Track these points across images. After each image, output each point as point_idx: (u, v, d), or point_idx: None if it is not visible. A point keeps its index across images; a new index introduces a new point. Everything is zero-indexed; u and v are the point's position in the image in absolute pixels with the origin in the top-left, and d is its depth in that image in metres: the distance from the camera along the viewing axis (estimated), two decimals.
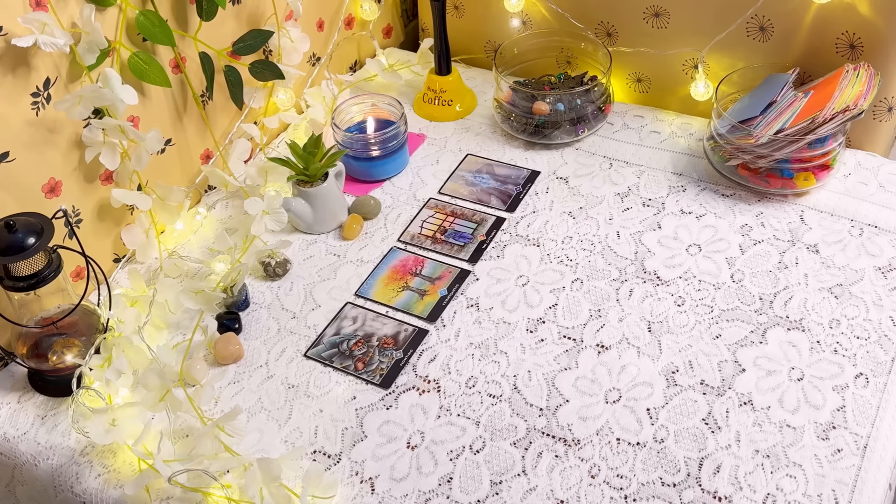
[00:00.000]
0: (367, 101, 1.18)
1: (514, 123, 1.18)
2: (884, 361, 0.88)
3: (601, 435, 0.84)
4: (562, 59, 1.26)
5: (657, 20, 1.18)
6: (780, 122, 1.02)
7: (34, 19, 0.84)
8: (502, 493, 0.80)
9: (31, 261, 0.82)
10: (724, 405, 0.85)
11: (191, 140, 1.10)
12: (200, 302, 0.98)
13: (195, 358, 0.91)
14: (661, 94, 1.24)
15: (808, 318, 0.92)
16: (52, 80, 0.89)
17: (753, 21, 1.11)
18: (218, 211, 1.13)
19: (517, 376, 0.90)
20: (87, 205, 0.99)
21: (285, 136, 1.23)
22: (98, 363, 0.89)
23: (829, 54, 1.10)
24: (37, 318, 0.90)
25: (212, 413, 0.89)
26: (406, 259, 1.04)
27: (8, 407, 0.91)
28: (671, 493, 0.79)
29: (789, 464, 0.80)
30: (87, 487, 0.84)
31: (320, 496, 0.79)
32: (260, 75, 1.10)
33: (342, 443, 0.85)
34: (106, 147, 0.95)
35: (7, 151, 0.87)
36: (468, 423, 0.86)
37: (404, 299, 0.99)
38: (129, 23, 0.95)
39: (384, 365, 0.92)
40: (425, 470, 0.82)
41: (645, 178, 1.11)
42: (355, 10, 1.31)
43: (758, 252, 1.00)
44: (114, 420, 0.85)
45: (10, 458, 0.88)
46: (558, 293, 0.98)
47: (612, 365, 0.90)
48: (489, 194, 1.12)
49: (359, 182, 1.16)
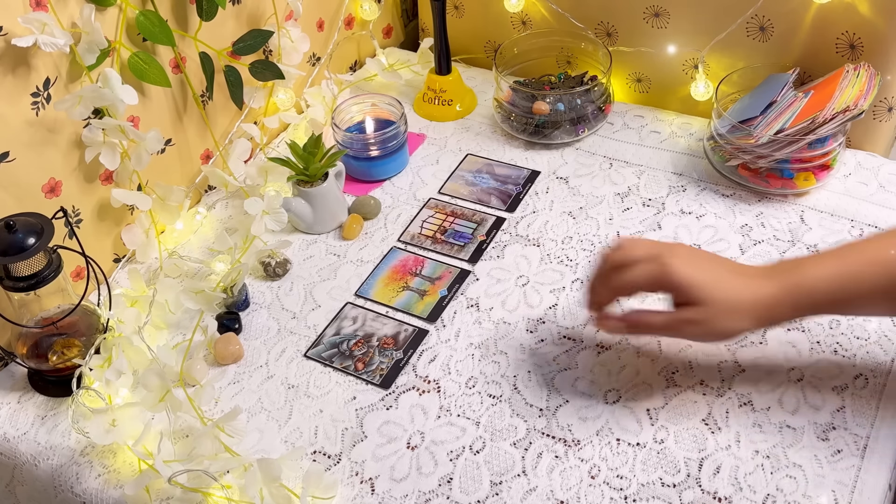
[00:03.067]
0: (367, 101, 1.18)
1: (514, 123, 1.18)
2: (884, 362, 0.88)
3: (601, 435, 0.84)
4: (562, 59, 1.26)
5: (657, 20, 1.18)
6: (780, 123, 1.02)
7: (34, 19, 0.83)
8: (502, 493, 0.80)
9: (31, 261, 0.82)
10: (723, 406, 0.85)
11: (191, 140, 1.10)
12: (200, 302, 0.98)
13: (195, 358, 0.91)
14: (661, 94, 1.24)
15: (807, 318, 0.92)
16: (52, 80, 0.89)
17: (753, 21, 1.11)
18: (218, 211, 1.13)
19: (517, 376, 0.90)
20: (87, 205, 0.99)
21: (285, 136, 1.23)
22: (98, 363, 0.89)
23: (829, 54, 1.10)
24: (37, 318, 0.90)
25: (212, 413, 0.89)
26: (406, 259, 1.04)
27: (8, 407, 0.91)
28: (671, 493, 0.79)
29: (789, 464, 0.80)
30: (87, 488, 0.84)
31: (320, 496, 0.79)
32: (260, 75, 1.10)
33: (342, 443, 0.85)
34: (106, 147, 0.95)
35: (7, 151, 0.87)
36: (468, 423, 0.86)
37: (404, 299, 0.99)
38: (129, 23, 0.95)
39: (384, 365, 0.92)
40: (425, 470, 0.82)
41: (645, 178, 1.11)
42: (355, 10, 1.31)
43: (758, 252, 1.00)
44: (114, 420, 0.85)
45: (10, 459, 0.88)
46: (558, 293, 0.98)
47: (612, 365, 0.90)
48: (489, 194, 1.12)
49: (359, 182, 1.16)
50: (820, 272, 0.77)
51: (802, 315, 0.79)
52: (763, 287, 0.77)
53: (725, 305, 0.76)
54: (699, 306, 0.76)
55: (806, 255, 0.81)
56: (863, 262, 0.76)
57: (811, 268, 0.77)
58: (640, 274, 0.78)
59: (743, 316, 0.77)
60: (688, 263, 0.77)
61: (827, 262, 0.77)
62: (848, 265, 0.76)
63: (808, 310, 0.78)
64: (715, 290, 0.76)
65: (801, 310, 0.78)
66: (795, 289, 0.77)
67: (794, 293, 0.77)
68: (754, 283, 0.77)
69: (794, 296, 0.77)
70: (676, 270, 0.76)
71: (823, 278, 0.76)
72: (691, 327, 0.78)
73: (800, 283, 0.77)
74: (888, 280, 0.75)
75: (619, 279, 0.80)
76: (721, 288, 0.76)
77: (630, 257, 0.79)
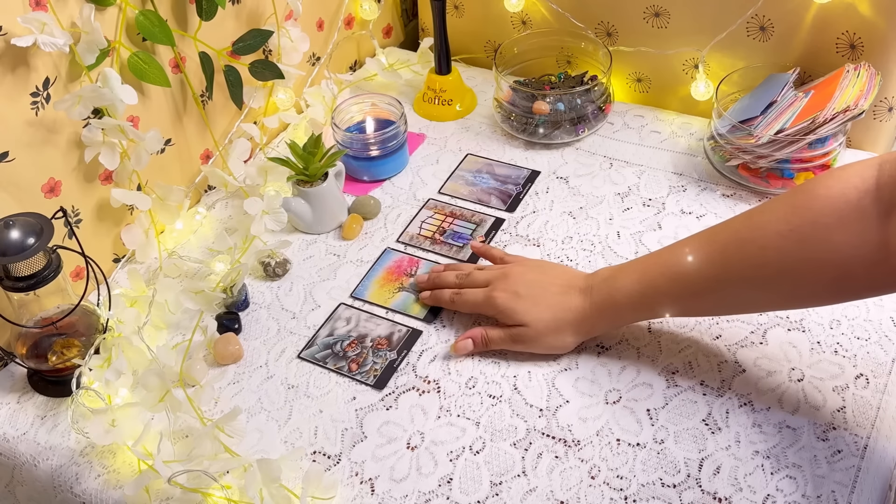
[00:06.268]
0: (367, 101, 1.18)
1: (514, 123, 1.18)
2: (884, 362, 0.88)
3: (601, 436, 0.84)
4: (562, 59, 1.26)
5: (657, 20, 1.18)
6: (780, 122, 1.02)
7: (34, 19, 0.83)
8: (502, 493, 0.80)
9: (30, 261, 0.82)
10: (723, 406, 0.85)
11: (190, 140, 1.10)
12: (200, 302, 0.98)
13: (195, 358, 0.91)
14: (661, 94, 1.24)
15: (808, 318, 0.92)
16: (51, 80, 0.89)
17: (753, 21, 1.11)
18: (218, 211, 1.13)
19: (517, 377, 0.89)
20: (87, 205, 0.99)
21: (285, 136, 1.23)
22: (98, 363, 0.89)
23: (830, 54, 1.10)
24: (36, 318, 0.90)
25: (211, 413, 0.89)
26: (400, 260, 1.04)
27: (8, 407, 0.91)
28: (671, 493, 0.79)
29: (789, 465, 0.80)
30: (87, 488, 0.84)
31: (320, 497, 0.79)
32: (260, 75, 1.10)
33: (342, 443, 0.85)
34: (105, 147, 0.95)
35: (6, 151, 0.87)
36: (468, 423, 0.86)
37: (401, 300, 0.99)
38: (129, 22, 0.95)
39: (378, 366, 0.91)
40: (425, 471, 0.82)
41: (645, 178, 1.11)
42: (355, 10, 1.31)
43: None
44: (113, 420, 0.85)
45: (10, 459, 0.88)
46: None
47: (612, 365, 0.90)
48: (489, 194, 1.12)
49: (359, 182, 1.15)
50: (624, 284, 0.85)
51: (615, 325, 0.90)
52: (578, 305, 0.87)
53: (543, 325, 0.87)
54: (523, 326, 0.88)
55: (623, 264, 0.88)
56: (657, 272, 0.83)
57: (619, 280, 0.85)
58: (472, 295, 0.92)
59: (564, 332, 0.88)
60: (508, 291, 0.89)
61: (631, 274, 0.85)
62: (646, 276, 0.84)
63: (618, 320, 0.88)
64: (531, 313, 0.88)
65: (613, 321, 0.88)
66: (604, 304, 0.86)
67: (603, 308, 0.86)
68: (573, 302, 0.87)
69: (604, 310, 0.86)
70: (498, 299, 0.89)
71: (627, 292, 0.84)
72: (521, 344, 0.89)
73: (607, 298, 0.86)
74: (677, 286, 0.81)
75: (461, 292, 0.93)
76: (538, 310, 0.88)
77: (471, 280, 0.94)
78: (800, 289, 0.75)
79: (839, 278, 0.73)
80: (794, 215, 0.74)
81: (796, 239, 0.73)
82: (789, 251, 0.73)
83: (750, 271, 0.77)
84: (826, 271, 0.73)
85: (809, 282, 0.74)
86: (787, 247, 0.73)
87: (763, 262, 0.75)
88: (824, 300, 0.80)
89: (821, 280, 0.74)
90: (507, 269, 0.93)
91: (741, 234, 0.78)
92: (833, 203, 0.71)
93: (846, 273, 0.72)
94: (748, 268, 0.77)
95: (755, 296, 0.79)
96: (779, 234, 0.74)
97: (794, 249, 0.73)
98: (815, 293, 0.76)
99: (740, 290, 0.79)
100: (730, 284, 0.79)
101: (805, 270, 0.73)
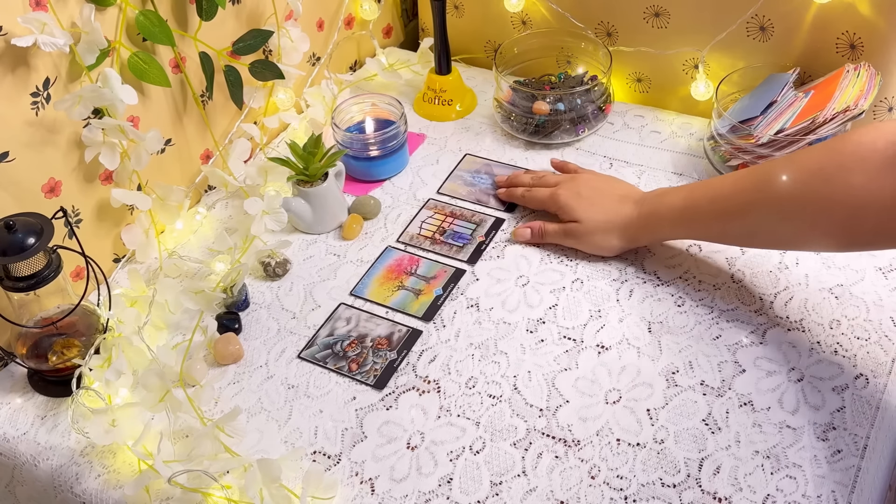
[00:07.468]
0: (367, 101, 1.18)
1: (514, 123, 1.18)
2: (884, 362, 0.88)
3: (601, 435, 0.84)
4: (562, 59, 1.26)
5: (657, 20, 1.18)
6: (780, 122, 1.02)
7: (34, 19, 0.83)
8: (502, 493, 0.80)
9: (30, 261, 0.82)
10: (723, 406, 0.85)
11: (191, 140, 1.10)
12: (200, 302, 0.98)
13: (195, 358, 0.91)
14: (661, 94, 1.24)
15: (808, 318, 0.92)
16: (51, 80, 0.89)
17: (753, 21, 1.11)
18: (218, 211, 1.13)
19: (517, 377, 0.89)
20: (87, 205, 0.99)
21: (285, 136, 1.23)
22: (98, 363, 0.89)
23: (830, 54, 1.10)
24: (36, 318, 0.90)
25: (212, 413, 0.89)
26: (401, 258, 1.04)
27: (8, 407, 0.91)
28: (671, 493, 0.79)
29: (789, 465, 0.80)
30: (87, 488, 0.84)
31: (320, 497, 0.79)
32: (260, 75, 1.10)
33: (342, 443, 0.85)
34: (105, 147, 0.95)
35: (7, 151, 0.87)
36: (468, 423, 0.86)
37: (400, 299, 0.99)
38: (129, 23, 0.95)
39: (378, 366, 0.92)
40: (425, 470, 0.82)
41: (645, 178, 1.11)
42: (355, 10, 1.31)
43: (758, 252, 1.00)
44: (114, 420, 0.85)
45: (10, 459, 0.88)
46: (558, 293, 0.98)
47: (612, 365, 0.90)
48: (488, 194, 1.12)
49: (359, 182, 1.16)
50: (671, 200, 0.94)
51: (656, 237, 0.98)
52: (629, 213, 0.97)
53: (594, 224, 0.98)
54: (577, 223, 0.99)
55: (677, 186, 0.97)
56: (701, 193, 0.91)
57: (668, 196, 0.95)
58: (540, 192, 1.04)
59: (611, 235, 0.98)
60: (572, 191, 1.01)
61: (680, 191, 0.94)
62: (692, 195, 0.92)
63: (658, 233, 0.97)
64: (588, 212, 0.99)
65: (654, 233, 0.97)
66: (650, 215, 0.95)
67: (649, 219, 0.95)
68: (625, 210, 0.97)
69: (649, 221, 0.95)
70: (561, 196, 1.01)
71: (670, 206, 0.93)
72: (572, 239, 1.00)
73: (653, 210, 0.95)
74: (714, 206, 0.89)
75: (532, 189, 1.06)
76: (594, 211, 0.99)
77: (543, 181, 1.06)
78: (815, 226, 0.81)
79: (850, 218, 0.78)
80: (826, 157, 0.80)
81: (823, 177, 0.79)
82: (813, 187, 0.80)
83: (776, 201, 0.83)
84: (839, 210, 0.78)
85: (824, 219, 0.80)
86: (812, 183, 0.80)
87: (789, 193, 0.81)
88: (833, 243, 0.84)
89: (833, 219, 0.79)
90: (576, 175, 1.06)
91: (779, 167, 0.83)
92: (862, 149, 0.77)
93: (857, 215, 0.77)
94: (776, 197, 0.82)
95: (777, 227, 0.84)
96: (809, 171, 0.81)
97: (817, 186, 0.80)
98: (828, 232, 0.81)
99: (766, 218, 0.85)
100: (758, 210, 0.85)
101: (822, 206, 0.79)
